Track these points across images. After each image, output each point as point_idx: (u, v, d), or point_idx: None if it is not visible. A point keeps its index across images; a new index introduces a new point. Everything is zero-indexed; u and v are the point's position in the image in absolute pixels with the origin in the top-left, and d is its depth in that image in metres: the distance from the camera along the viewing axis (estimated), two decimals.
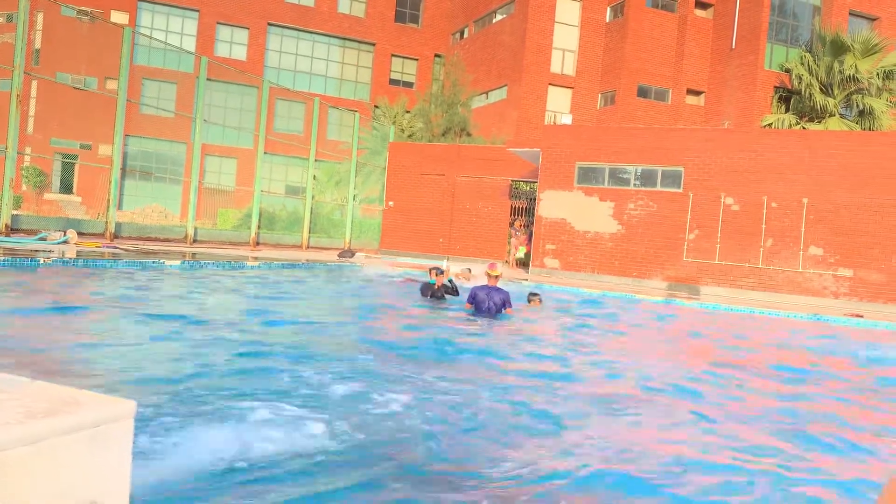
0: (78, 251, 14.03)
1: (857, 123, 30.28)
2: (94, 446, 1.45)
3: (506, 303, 10.54)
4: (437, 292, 12.00)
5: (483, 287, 10.64)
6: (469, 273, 15.01)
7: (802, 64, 31.33)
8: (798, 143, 19.23)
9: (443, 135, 34.14)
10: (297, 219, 26.38)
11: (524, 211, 25.11)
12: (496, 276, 10.61)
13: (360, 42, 46.31)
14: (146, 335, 7.36)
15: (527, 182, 24.93)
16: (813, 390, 7.54)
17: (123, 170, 20.37)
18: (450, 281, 12.27)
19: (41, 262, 11.56)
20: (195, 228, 21.35)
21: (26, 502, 1.32)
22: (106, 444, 1.48)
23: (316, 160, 26.06)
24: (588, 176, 21.25)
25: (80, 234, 17.36)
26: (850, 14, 34.47)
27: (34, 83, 33.03)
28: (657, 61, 36.50)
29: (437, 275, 12.18)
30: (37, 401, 1.49)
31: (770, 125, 30.86)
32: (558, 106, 37.38)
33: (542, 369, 7.43)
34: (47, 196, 36.26)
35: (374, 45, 46.42)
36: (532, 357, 8.26)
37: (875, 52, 30.47)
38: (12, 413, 1.39)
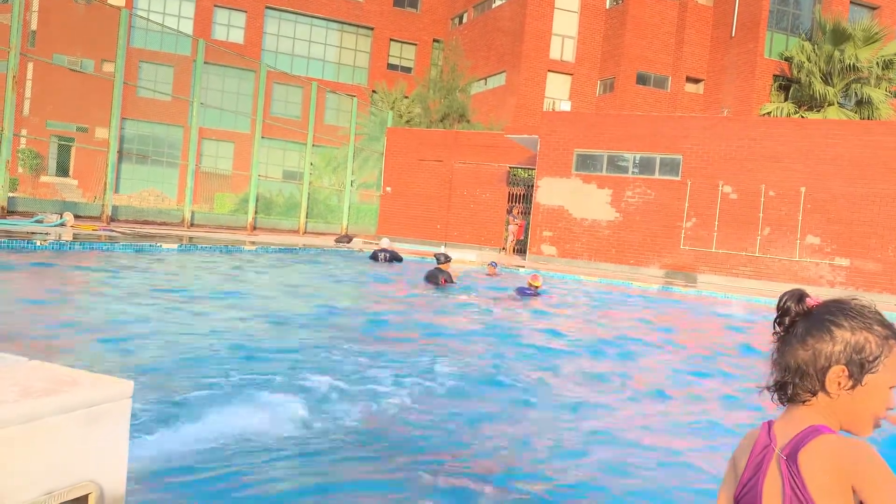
0: (75, 234, 14.00)
1: (855, 113, 30.21)
2: (92, 425, 1.46)
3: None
4: (448, 278, 12.38)
5: (524, 289, 12.49)
6: (494, 269, 16.11)
7: (802, 52, 31.22)
8: (796, 132, 19.21)
9: (441, 121, 34.01)
10: (294, 204, 26.32)
11: (522, 198, 25.07)
12: (536, 286, 12.43)
13: (358, 26, 46.03)
14: (143, 317, 7.36)
15: (525, 169, 24.87)
16: None
17: (120, 153, 20.29)
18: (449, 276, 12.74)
19: (38, 244, 11.54)
20: (192, 212, 21.29)
21: (23, 480, 1.33)
22: (103, 424, 1.48)
23: (313, 145, 25.98)
24: (586, 163, 21.22)
25: (76, 217, 17.29)
26: (850, 3, 34.32)
27: (30, 65, 32.79)
28: (657, 48, 36.35)
29: (443, 261, 12.62)
30: (34, 380, 1.49)
31: (769, 114, 30.79)
32: (557, 93, 37.25)
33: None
34: (43, 179, 36.11)
35: (372, 29, 46.15)
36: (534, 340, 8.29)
37: (875, 41, 30.36)
38: (9, 392, 1.39)
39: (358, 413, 4.58)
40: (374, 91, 39.60)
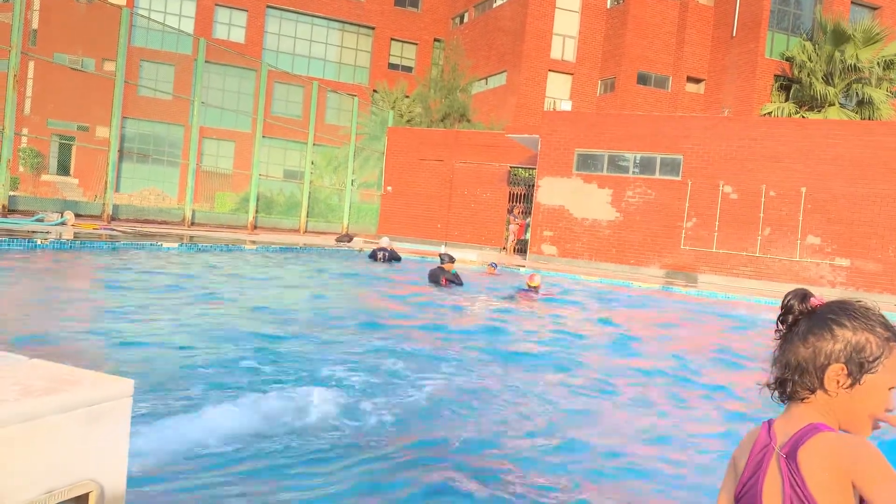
0: (75, 233, 14.00)
1: (856, 113, 30.21)
2: (92, 424, 1.46)
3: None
4: (451, 278, 12.42)
5: (523, 289, 12.38)
6: (494, 269, 16.23)
7: (803, 52, 31.21)
8: (797, 132, 19.20)
9: (441, 120, 34.01)
10: (294, 203, 26.33)
11: (522, 197, 25.07)
12: (535, 287, 12.18)
13: (359, 26, 46.03)
14: (143, 316, 7.36)
15: (525, 168, 24.88)
16: None
17: (121, 152, 20.28)
18: (454, 273, 12.73)
19: (38, 243, 11.54)
20: (193, 211, 21.31)
21: (23, 480, 1.33)
22: (104, 423, 1.48)
23: (314, 144, 25.98)
24: (587, 163, 21.22)
25: (77, 216, 17.31)
26: (851, 3, 34.30)
27: (31, 64, 32.79)
28: (658, 48, 36.33)
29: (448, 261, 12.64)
30: (34, 378, 1.49)
31: (770, 114, 30.78)
32: (558, 92, 37.24)
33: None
34: (44, 177, 36.15)
35: (373, 28, 46.15)
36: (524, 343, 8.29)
37: (876, 42, 30.35)
38: (9, 391, 1.39)
39: (357, 412, 4.58)
40: (374, 90, 39.61)
